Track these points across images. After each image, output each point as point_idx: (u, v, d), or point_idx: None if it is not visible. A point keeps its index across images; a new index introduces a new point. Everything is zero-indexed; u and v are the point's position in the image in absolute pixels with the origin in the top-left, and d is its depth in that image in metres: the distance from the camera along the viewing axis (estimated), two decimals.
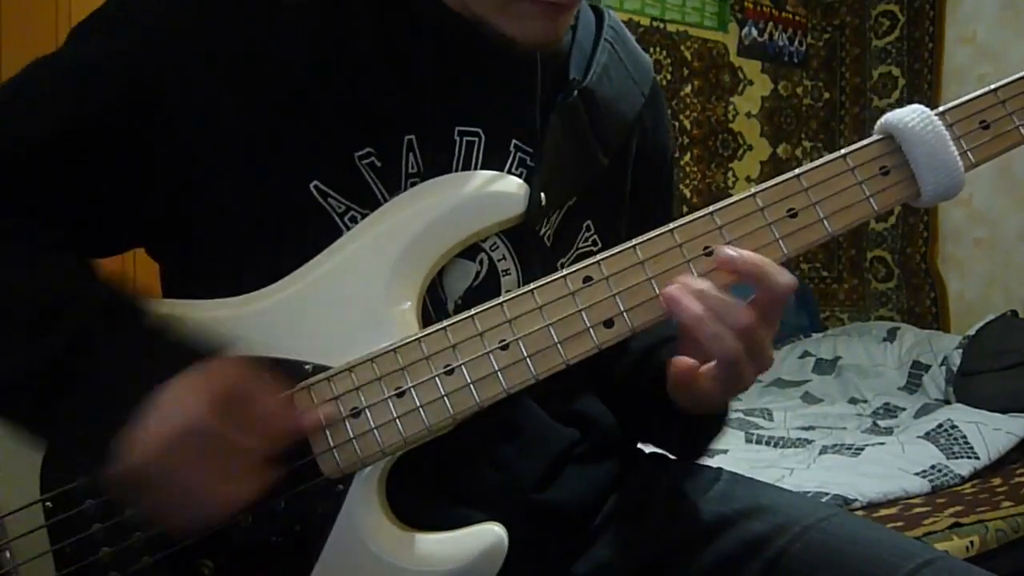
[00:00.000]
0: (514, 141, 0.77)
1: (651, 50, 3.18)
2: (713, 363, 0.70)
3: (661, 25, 3.20)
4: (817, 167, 0.71)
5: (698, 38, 3.32)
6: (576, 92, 0.78)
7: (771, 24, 3.55)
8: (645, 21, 3.15)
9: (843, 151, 0.72)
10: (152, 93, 0.71)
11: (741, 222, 0.70)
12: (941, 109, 0.72)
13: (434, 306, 0.74)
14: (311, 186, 0.72)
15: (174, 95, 0.71)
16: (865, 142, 0.72)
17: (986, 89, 0.72)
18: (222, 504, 0.64)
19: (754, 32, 3.50)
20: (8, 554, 0.69)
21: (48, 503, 0.69)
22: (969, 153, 0.71)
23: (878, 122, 0.72)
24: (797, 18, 3.64)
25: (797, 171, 0.71)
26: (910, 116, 0.71)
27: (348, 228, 0.73)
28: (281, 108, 0.72)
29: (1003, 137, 0.72)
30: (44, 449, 0.69)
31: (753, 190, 0.71)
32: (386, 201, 0.73)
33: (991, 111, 0.72)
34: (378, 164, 0.73)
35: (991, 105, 0.72)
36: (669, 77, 3.25)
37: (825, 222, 0.71)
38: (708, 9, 3.33)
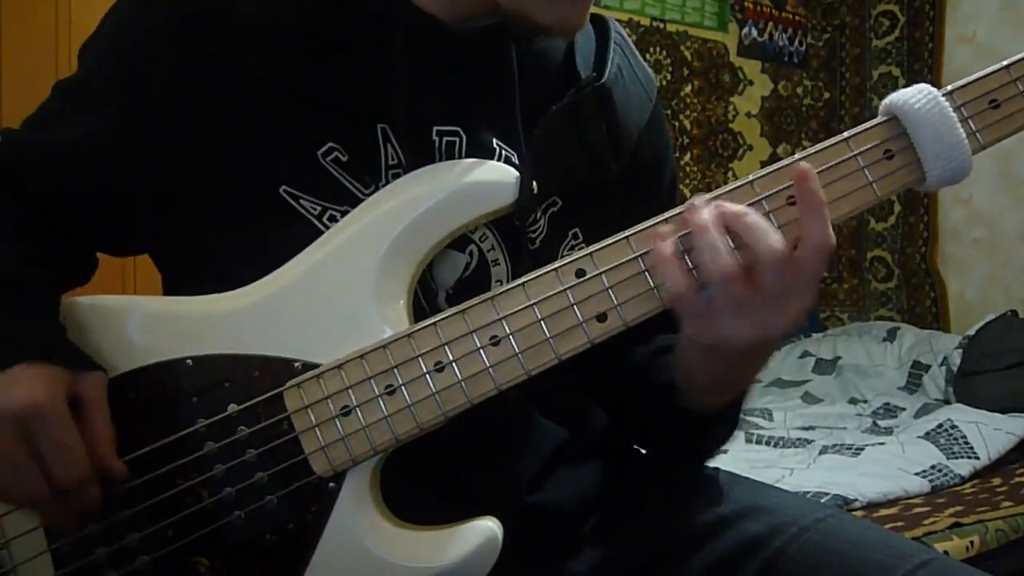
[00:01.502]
0: (495, 140, 0.76)
1: (651, 50, 3.18)
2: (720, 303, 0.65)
3: (661, 25, 3.19)
4: (818, 151, 0.68)
5: (698, 38, 3.32)
6: (590, 88, 0.78)
7: (771, 24, 3.55)
8: (645, 21, 3.15)
9: (845, 134, 0.69)
10: (136, 115, 0.74)
11: None
12: (948, 88, 0.68)
13: (426, 297, 0.74)
14: (281, 191, 0.72)
15: (156, 116, 0.73)
16: (868, 124, 0.69)
17: (997, 66, 0.68)
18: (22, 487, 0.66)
19: (754, 32, 3.49)
20: (7, 553, 0.70)
21: None
22: (978, 134, 0.68)
23: (882, 103, 0.69)
24: (797, 18, 3.63)
25: (797, 156, 0.68)
26: (915, 97, 0.67)
27: (327, 228, 0.72)
28: (244, 117, 0.73)
29: (1015, 116, 0.68)
30: None
31: (751, 177, 0.68)
32: (362, 195, 0.73)
33: (1002, 89, 0.68)
34: (343, 158, 0.73)
35: (1003, 84, 0.68)
36: (669, 77, 3.24)
37: None
38: (708, 9, 3.33)
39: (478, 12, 0.75)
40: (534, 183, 0.73)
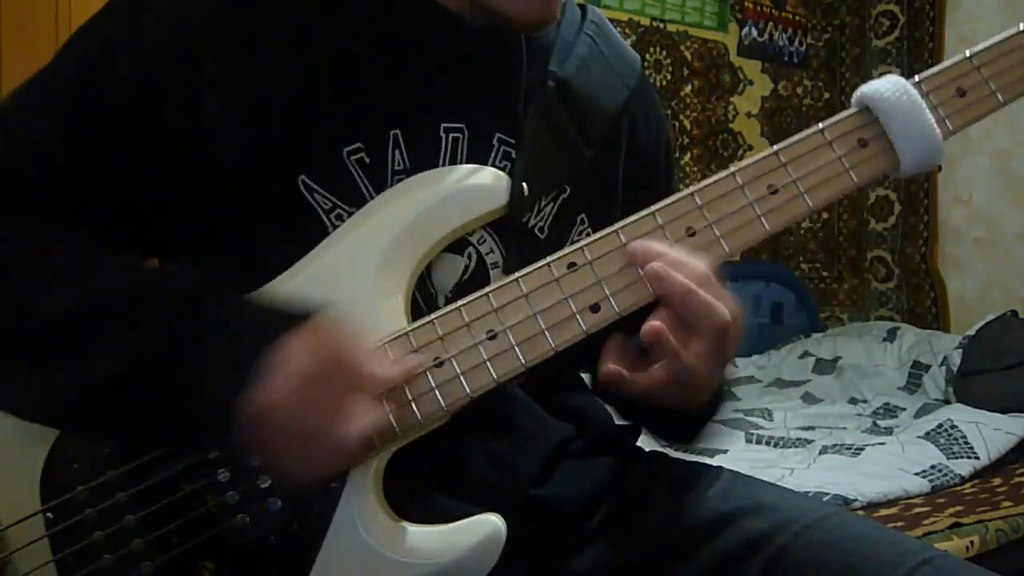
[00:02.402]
0: (497, 135, 0.77)
1: (651, 50, 3.18)
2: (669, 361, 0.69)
3: (661, 25, 3.20)
4: (795, 142, 0.72)
5: (698, 38, 3.32)
6: (552, 84, 0.79)
7: (771, 24, 3.55)
8: (645, 21, 3.15)
9: (820, 125, 0.72)
10: (152, 91, 0.71)
11: (722, 201, 0.71)
12: (917, 78, 0.72)
13: (425, 301, 0.74)
14: (299, 180, 0.72)
15: (173, 92, 0.71)
16: (842, 115, 0.72)
17: (961, 56, 0.72)
18: (343, 444, 0.64)
19: (754, 32, 3.49)
20: (12, 567, 0.69)
21: (49, 514, 0.69)
22: (947, 120, 0.71)
23: (855, 94, 0.73)
24: (797, 18, 3.63)
25: (775, 147, 0.72)
26: (885, 87, 0.71)
27: (334, 226, 0.72)
28: (273, 101, 0.72)
29: (980, 103, 0.72)
30: (107, 443, 0.70)
31: (732, 168, 0.71)
32: (371, 198, 0.73)
33: (967, 77, 0.72)
34: (367, 160, 0.73)
35: (967, 72, 0.72)
36: (669, 77, 3.25)
37: (806, 196, 0.71)
38: (708, 9, 3.33)
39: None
40: (524, 185, 0.73)
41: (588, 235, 0.81)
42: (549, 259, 0.70)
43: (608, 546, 0.81)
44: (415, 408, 0.68)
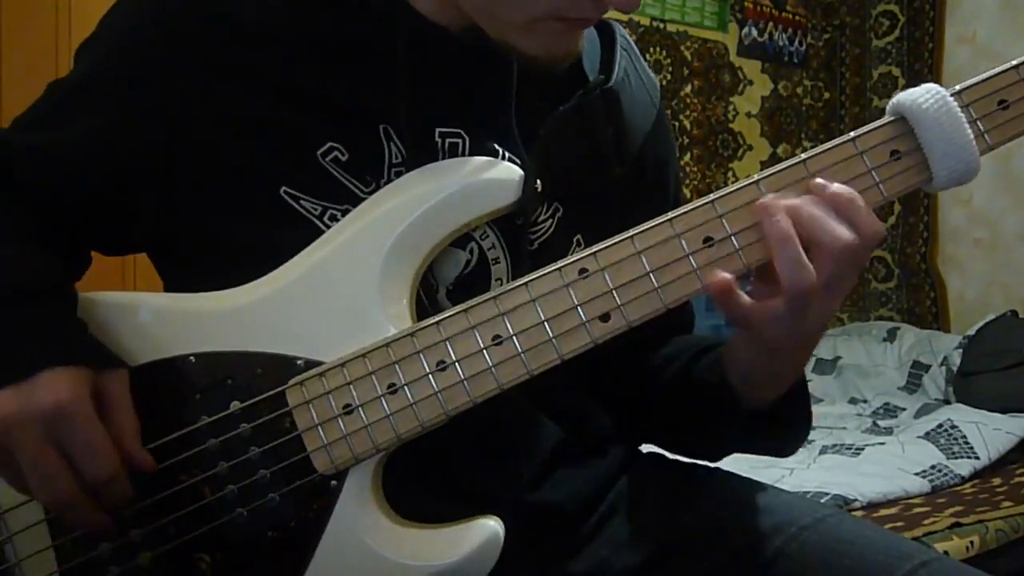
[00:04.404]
0: (496, 144, 0.76)
1: (651, 50, 3.18)
2: (776, 301, 0.65)
3: (661, 25, 3.19)
4: (824, 151, 0.68)
5: (698, 38, 3.32)
6: (598, 91, 0.78)
7: (771, 24, 3.55)
8: (645, 21, 3.15)
9: (852, 134, 0.68)
10: (137, 115, 0.74)
11: (743, 211, 0.67)
12: (957, 88, 0.67)
13: (426, 293, 0.73)
14: (281, 191, 0.72)
15: (157, 117, 0.73)
16: (875, 124, 0.68)
17: (1007, 66, 0.67)
18: (47, 484, 0.65)
19: (754, 32, 3.49)
20: (11, 548, 0.70)
21: None
22: (986, 135, 0.67)
23: (889, 103, 0.68)
24: (797, 18, 3.63)
25: (803, 156, 0.67)
26: (924, 96, 0.66)
27: (329, 227, 0.72)
28: (245, 118, 0.73)
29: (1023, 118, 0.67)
30: None
31: (756, 177, 0.68)
32: (362, 194, 0.73)
33: (1011, 89, 0.67)
34: (343, 158, 0.73)
35: (1012, 83, 0.67)
36: (669, 77, 3.24)
37: None
38: (708, 9, 3.33)
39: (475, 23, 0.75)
40: (538, 181, 0.73)
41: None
42: (559, 263, 0.68)
43: (604, 549, 0.81)
44: (416, 412, 0.68)
